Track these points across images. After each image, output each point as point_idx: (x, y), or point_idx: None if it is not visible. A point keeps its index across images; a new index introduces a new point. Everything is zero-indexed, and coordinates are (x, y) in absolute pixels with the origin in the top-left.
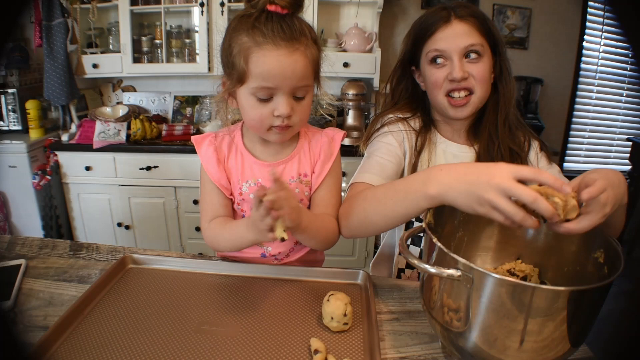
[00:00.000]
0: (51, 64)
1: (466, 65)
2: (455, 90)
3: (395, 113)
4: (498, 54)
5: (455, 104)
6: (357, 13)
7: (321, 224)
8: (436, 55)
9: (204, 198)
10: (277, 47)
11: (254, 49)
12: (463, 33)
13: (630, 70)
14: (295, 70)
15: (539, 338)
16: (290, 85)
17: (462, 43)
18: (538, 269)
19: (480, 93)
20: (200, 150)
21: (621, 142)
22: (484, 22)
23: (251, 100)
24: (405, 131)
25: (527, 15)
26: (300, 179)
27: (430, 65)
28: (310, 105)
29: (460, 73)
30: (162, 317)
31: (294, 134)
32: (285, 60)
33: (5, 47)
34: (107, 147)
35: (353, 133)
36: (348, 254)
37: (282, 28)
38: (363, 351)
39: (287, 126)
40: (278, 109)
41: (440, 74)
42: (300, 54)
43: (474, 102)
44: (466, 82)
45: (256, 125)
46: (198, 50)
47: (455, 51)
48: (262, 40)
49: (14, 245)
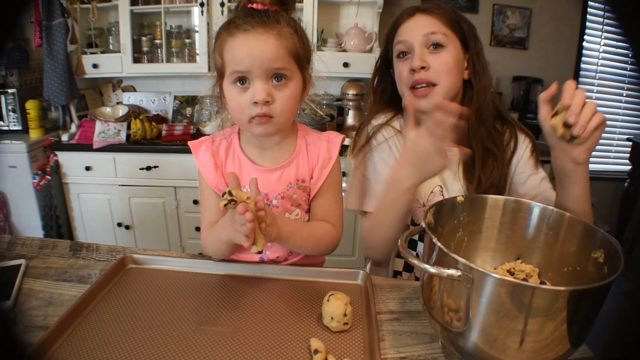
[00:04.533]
0: (51, 64)
1: (427, 56)
2: (417, 82)
3: (378, 117)
4: (470, 48)
5: (416, 94)
6: (357, 13)
7: (309, 233)
8: (400, 48)
9: (203, 204)
10: (246, 32)
11: (227, 39)
12: (425, 24)
13: (630, 70)
14: (264, 51)
15: (539, 338)
16: (261, 66)
17: (422, 31)
18: (538, 269)
19: (444, 84)
20: (197, 155)
21: (621, 142)
22: (451, 15)
23: (231, 91)
24: (390, 137)
25: (527, 15)
26: (298, 185)
27: (396, 59)
28: (295, 97)
29: (419, 62)
30: (162, 317)
31: (278, 127)
32: (254, 42)
33: (5, 47)
34: (107, 147)
35: (353, 133)
36: (348, 254)
37: (254, 16)
38: (363, 351)
39: (266, 115)
40: (254, 95)
41: (404, 67)
42: (270, 36)
43: (438, 94)
44: (426, 74)
45: (238, 117)
46: (198, 50)
47: (416, 39)
48: (234, 31)
49: (14, 245)
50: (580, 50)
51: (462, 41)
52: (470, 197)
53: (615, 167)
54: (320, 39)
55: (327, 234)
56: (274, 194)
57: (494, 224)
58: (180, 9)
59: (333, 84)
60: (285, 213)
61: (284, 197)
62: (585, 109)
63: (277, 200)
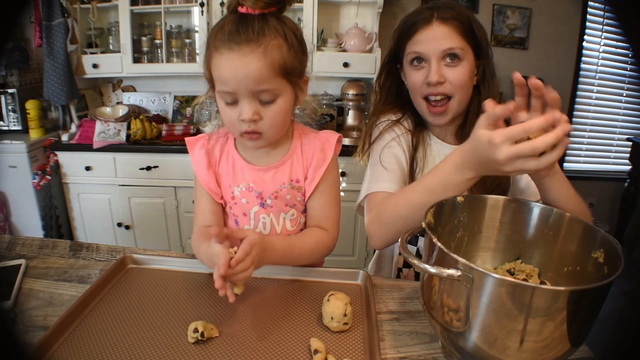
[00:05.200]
0: (51, 64)
1: (444, 69)
2: (432, 94)
3: (387, 116)
4: (482, 57)
5: (433, 112)
6: (357, 13)
7: (300, 250)
8: (415, 57)
9: (196, 203)
10: (230, 50)
11: (213, 54)
12: (443, 36)
13: (630, 70)
14: (248, 73)
15: (539, 338)
16: (247, 88)
17: (440, 46)
18: (538, 269)
19: (458, 97)
20: (192, 153)
21: (621, 142)
22: (467, 25)
23: (221, 104)
24: (401, 135)
25: (527, 15)
26: (292, 185)
27: (409, 66)
28: (285, 111)
29: (436, 77)
30: (162, 317)
31: (270, 141)
32: (237, 64)
33: (5, 47)
34: (107, 147)
35: (353, 133)
36: (348, 254)
37: (239, 30)
38: (363, 351)
39: (254, 132)
40: (241, 114)
41: (419, 77)
42: (255, 57)
43: (453, 108)
44: (442, 87)
45: (230, 129)
46: (198, 50)
47: (434, 54)
48: (220, 45)
49: (14, 245)
50: (580, 50)
51: (474, 49)
52: (470, 197)
53: (615, 167)
54: (320, 39)
55: (320, 244)
56: (268, 193)
57: (494, 224)
58: (180, 9)
59: (333, 84)
60: (280, 214)
61: (277, 197)
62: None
63: (270, 200)
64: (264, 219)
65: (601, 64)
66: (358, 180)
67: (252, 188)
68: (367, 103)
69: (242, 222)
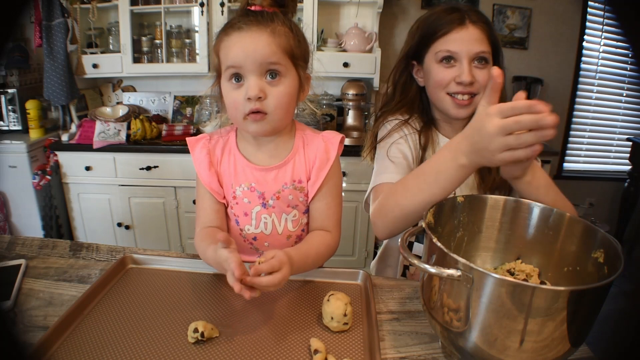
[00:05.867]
0: (51, 64)
1: (473, 70)
2: (460, 92)
3: (395, 115)
4: (497, 61)
5: (459, 103)
6: (357, 13)
7: (313, 259)
8: (447, 55)
9: (198, 203)
10: (239, 30)
11: (223, 39)
12: (476, 39)
13: (630, 70)
14: (257, 47)
15: (539, 338)
16: (254, 62)
17: (474, 48)
18: (538, 269)
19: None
20: (193, 152)
21: (621, 142)
22: (491, 30)
23: (227, 88)
24: (409, 134)
25: (527, 15)
26: (294, 185)
27: (438, 64)
28: (290, 95)
29: (469, 77)
30: (162, 317)
31: (273, 126)
32: (247, 39)
33: (5, 47)
34: (107, 147)
35: (353, 133)
36: (348, 254)
37: (249, 16)
38: (363, 351)
39: (260, 111)
40: (247, 91)
41: (448, 74)
42: (264, 33)
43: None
44: (472, 87)
45: (233, 114)
46: (198, 50)
47: (467, 55)
48: (230, 30)
49: (14, 245)
50: (580, 50)
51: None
52: (470, 197)
53: (615, 167)
54: (320, 39)
55: (328, 248)
56: (270, 194)
57: (494, 224)
58: (180, 9)
59: (333, 84)
60: (282, 214)
61: (279, 197)
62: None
63: (272, 201)
64: (265, 219)
65: (601, 64)
66: (358, 180)
67: (255, 188)
68: (367, 103)
69: (243, 222)
